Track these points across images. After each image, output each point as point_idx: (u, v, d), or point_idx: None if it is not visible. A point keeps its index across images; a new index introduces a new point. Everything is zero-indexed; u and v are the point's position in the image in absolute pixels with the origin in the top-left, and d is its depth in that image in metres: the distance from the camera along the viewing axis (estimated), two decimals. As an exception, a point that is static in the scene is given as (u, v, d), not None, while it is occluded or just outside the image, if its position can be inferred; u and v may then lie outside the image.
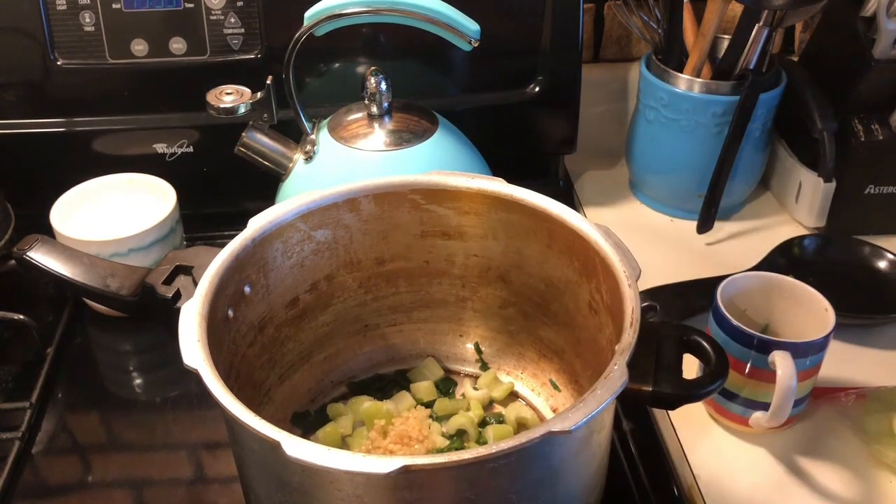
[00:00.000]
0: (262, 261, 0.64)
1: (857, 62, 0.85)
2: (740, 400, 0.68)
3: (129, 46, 0.89)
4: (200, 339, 0.54)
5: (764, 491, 0.66)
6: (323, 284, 0.70)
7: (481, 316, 0.75)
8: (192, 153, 0.94)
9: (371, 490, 0.49)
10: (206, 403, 0.75)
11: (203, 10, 0.88)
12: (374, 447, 0.66)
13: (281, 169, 0.84)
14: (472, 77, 0.95)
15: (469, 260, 0.72)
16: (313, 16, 0.76)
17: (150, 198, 0.87)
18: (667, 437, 0.71)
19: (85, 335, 0.85)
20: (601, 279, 0.61)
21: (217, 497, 0.69)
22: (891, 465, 0.67)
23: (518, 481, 0.50)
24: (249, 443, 0.53)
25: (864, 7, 0.85)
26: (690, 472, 0.67)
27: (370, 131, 0.83)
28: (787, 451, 0.69)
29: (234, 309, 0.61)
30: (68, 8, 0.87)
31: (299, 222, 0.66)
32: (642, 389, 0.52)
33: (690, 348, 0.55)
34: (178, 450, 0.73)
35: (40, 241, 0.65)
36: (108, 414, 0.78)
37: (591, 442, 0.54)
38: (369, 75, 0.82)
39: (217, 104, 0.80)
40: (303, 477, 0.50)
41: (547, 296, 0.70)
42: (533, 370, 0.74)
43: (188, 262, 0.63)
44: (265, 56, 0.90)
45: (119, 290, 0.64)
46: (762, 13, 0.83)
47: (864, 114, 0.86)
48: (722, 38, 0.94)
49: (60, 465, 0.72)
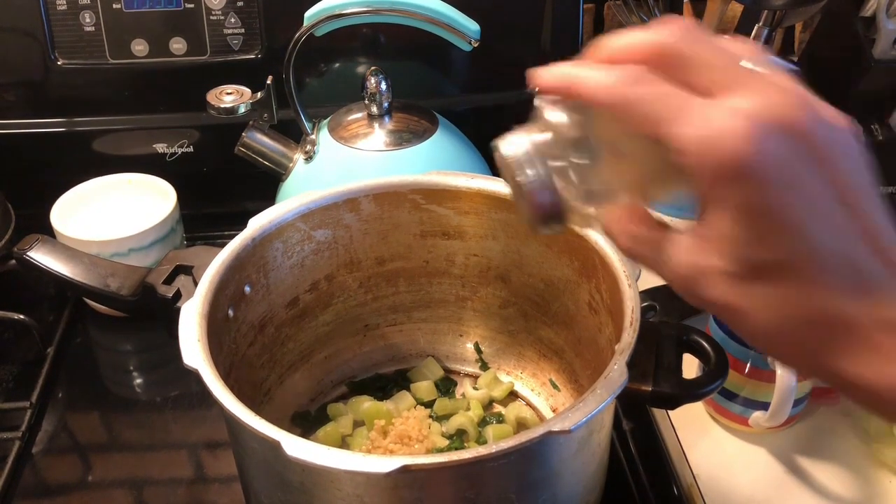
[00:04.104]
0: (262, 260, 0.64)
1: (857, 62, 0.85)
2: (740, 400, 0.68)
3: (129, 46, 0.89)
4: (200, 338, 0.54)
5: (764, 490, 0.66)
6: (323, 284, 0.70)
7: (481, 316, 0.75)
8: (192, 153, 0.94)
9: (371, 490, 0.49)
10: (206, 403, 0.75)
11: (203, 10, 0.88)
12: (374, 447, 0.66)
13: (281, 169, 0.84)
14: (472, 77, 0.95)
15: (469, 260, 0.72)
16: (313, 16, 0.76)
17: (150, 198, 0.87)
18: (667, 437, 0.71)
19: (85, 335, 0.85)
20: (601, 279, 0.61)
21: (217, 497, 0.69)
22: (891, 464, 0.67)
23: (518, 481, 0.50)
24: (249, 443, 0.53)
25: (864, 7, 0.85)
26: (690, 471, 0.67)
27: (370, 131, 0.83)
28: (786, 450, 0.69)
29: (234, 309, 0.61)
30: (68, 8, 0.87)
31: (299, 222, 0.66)
32: (642, 389, 0.52)
33: (690, 348, 0.56)
34: (178, 450, 0.73)
35: (40, 241, 0.65)
36: (108, 414, 0.78)
37: (591, 442, 0.54)
38: (369, 75, 0.82)
39: (217, 104, 0.80)
40: (303, 477, 0.50)
41: (547, 296, 0.70)
42: (533, 370, 0.74)
43: (188, 261, 0.63)
44: (265, 56, 0.90)
45: (119, 290, 0.64)
46: (762, 13, 0.83)
47: (863, 114, 0.86)
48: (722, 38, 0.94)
49: (60, 465, 0.72)
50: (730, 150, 0.32)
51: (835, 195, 0.34)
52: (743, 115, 0.32)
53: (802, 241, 0.33)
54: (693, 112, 0.33)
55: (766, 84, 0.34)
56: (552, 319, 0.70)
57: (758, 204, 0.33)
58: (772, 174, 0.33)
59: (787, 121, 0.33)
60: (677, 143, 0.33)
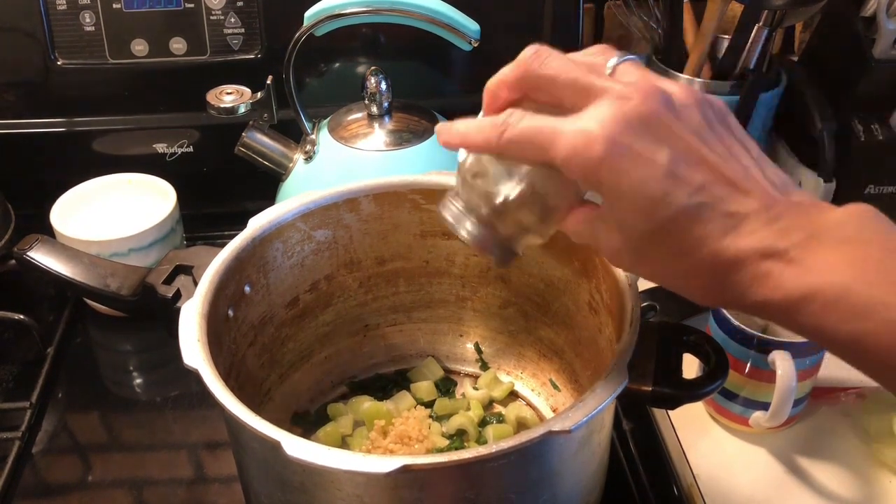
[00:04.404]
0: (262, 260, 0.64)
1: (857, 62, 0.85)
2: (740, 400, 0.68)
3: (129, 46, 0.89)
4: (200, 338, 0.54)
5: (763, 490, 0.66)
6: (323, 284, 0.70)
7: (481, 316, 0.75)
8: (192, 153, 0.94)
9: (371, 490, 0.49)
10: (206, 403, 0.75)
11: (203, 10, 0.88)
12: (374, 447, 0.66)
13: (281, 169, 0.84)
14: (472, 77, 0.95)
15: (469, 260, 0.72)
16: (313, 16, 0.76)
17: (150, 198, 0.87)
18: (667, 437, 0.71)
19: (85, 335, 0.85)
20: (601, 279, 0.61)
21: (217, 497, 0.69)
22: (891, 464, 0.67)
23: (518, 481, 0.50)
24: (249, 443, 0.53)
25: (864, 7, 0.85)
26: (690, 471, 0.67)
27: (370, 131, 0.83)
28: (786, 450, 0.69)
29: (234, 309, 0.61)
30: (68, 8, 0.87)
31: (299, 222, 0.66)
32: (642, 389, 0.52)
33: (690, 348, 0.55)
34: (178, 450, 0.73)
35: (40, 241, 0.65)
36: (108, 414, 0.78)
37: (591, 442, 0.54)
38: (369, 75, 0.82)
39: (217, 104, 0.80)
40: (303, 477, 0.50)
41: (547, 296, 0.70)
42: (533, 370, 0.74)
43: (188, 261, 0.63)
44: (265, 56, 0.90)
45: (119, 290, 0.64)
46: (762, 13, 0.83)
47: (864, 114, 0.86)
48: (722, 38, 0.94)
49: (60, 465, 0.72)
50: (593, 156, 0.39)
51: (688, 158, 0.40)
52: (595, 122, 0.40)
53: (667, 206, 0.40)
54: (559, 136, 0.40)
55: (615, 86, 0.40)
56: (552, 319, 0.70)
57: (625, 186, 0.40)
58: (625, 162, 0.39)
59: (631, 113, 0.39)
60: (558, 165, 0.41)
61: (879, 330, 0.37)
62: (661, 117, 0.40)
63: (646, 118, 0.39)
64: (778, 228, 0.39)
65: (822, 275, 0.38)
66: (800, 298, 0.39)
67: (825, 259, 0.39)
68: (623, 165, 0.39)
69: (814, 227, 0.40)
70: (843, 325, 0.38)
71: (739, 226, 0.40)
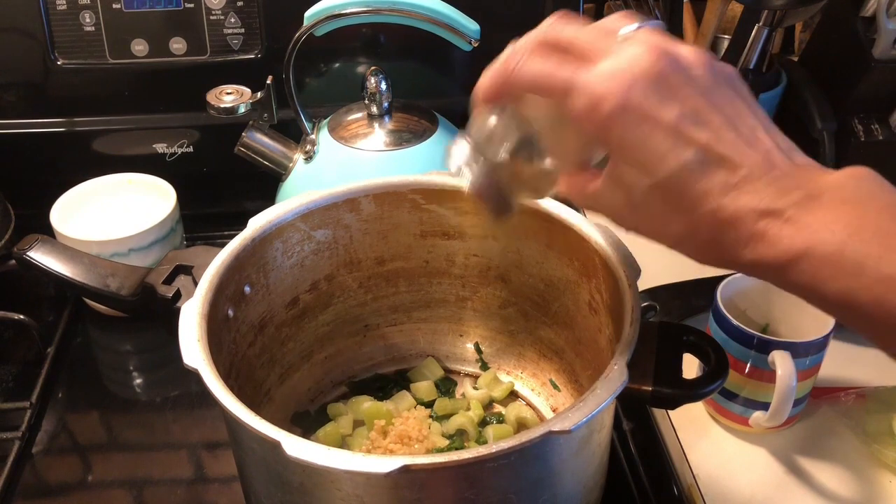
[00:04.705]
0: (262, 261, 0.64)
1: (857, 62, 0.85)
2: (740, 400, 0.68)
3: (129, 46, 0.89)
4: (200, 338, 0.54)
5: (763, 490, 0.66)
6: (323, 284, 0.70)
7: (481, 316, 0.75)
8: (192, 153, 0.94)
9: (371, 490, 0.49)
10: (206, 403, 0.75)
11: (203, 10, 0.88)
12: (374, 447, 0.66)
13: (281, 169, 0.84)
14: (472, 77, 0.95)
15: (469, 260, 0.72)
16: (313, 16, 0.76)
17: (150, 198, 0.87)
18: (667, 437, 0.71)
19: (85, 335, 0.85)
20: (601, 279, 0.61)
21: (217, 497, 0.69)
22: (891, 465, 0.67)
23: (518, 481, 0.50)
24: (249, 443, 0.53)
25: (864, 7, 0.85)
26: (690, 471, 0.67)
27: (370, 131, 0.83)
28: (786, 450, 0.69)
29: (234, 309, 0.61)
30: (68, 8, 0.87)
31: (299, 222, 0.66)
32: (642, 389, 0.52)
33: (690, 348, 0.55)
34: (178, 450, 0.73)
35: (40, 240, 0.65)
36: (108, 414, 0.78)
37: (591, 442, 0.54)
38: (369, 75, 0.82)
39: (217, 104, 0.80)
40: (303, 477, 0.50)
41: (547, 296, 0.70)
42: (533, 370, 0.74)
43: (188, 261, 0.63)
44: (265, 56, 0.90)
45: (119, 290, 0.64)
46: (762, 13, 0.83)
47: (864, 114, 0.86)
48: (722, 38, 0.94)
49: (60, 465, 0.72)
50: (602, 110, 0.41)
51: (695, 117, 0.41)
52: (607, 76, 0.41)
53: (670, 162, 0.41)
54: (572, 83, 0.42)
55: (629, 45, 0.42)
56: (552, 319, 0.70)
57: (631, 140, 0.41)
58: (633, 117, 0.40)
59: (640, 69, 0.40)
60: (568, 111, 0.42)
61: (872, 285, 0.38)
62: (670, 77, 0.41)
63: (655, 77, 0.41)
64: (777, 188, 0.40)
65: (816, 233, 0.39)
66: (794, 256, 0.39)
67: (821, 218, 0.39)
68: (631, 121, 0.41)
69: (813, 187, 0.40)
70: (836, 282, 0.38)
71: (741, 185, 0.40)
